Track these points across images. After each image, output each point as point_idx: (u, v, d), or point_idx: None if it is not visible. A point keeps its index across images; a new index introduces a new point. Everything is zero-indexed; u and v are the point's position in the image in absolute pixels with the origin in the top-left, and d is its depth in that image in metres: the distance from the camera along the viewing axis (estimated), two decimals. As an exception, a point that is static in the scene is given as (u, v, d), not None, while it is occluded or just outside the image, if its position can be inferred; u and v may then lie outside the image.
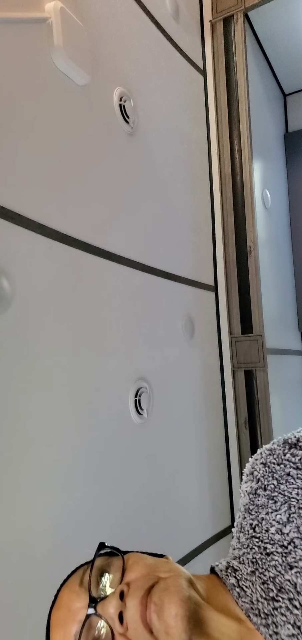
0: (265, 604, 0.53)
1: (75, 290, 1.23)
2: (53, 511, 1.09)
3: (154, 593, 0.50)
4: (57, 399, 1.13)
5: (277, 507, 0.59)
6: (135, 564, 0.54)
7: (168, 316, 1.65)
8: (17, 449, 1.01)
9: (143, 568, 0.54)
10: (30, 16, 1.15)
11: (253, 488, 0.64)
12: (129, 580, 0.52)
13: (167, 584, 0.51)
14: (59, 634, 0.53)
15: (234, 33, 2.00)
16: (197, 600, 0.51)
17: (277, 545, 0.56)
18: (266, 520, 0.59)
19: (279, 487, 0.61)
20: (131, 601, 0.50)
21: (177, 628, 0.47)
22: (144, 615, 0.49)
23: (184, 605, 0.48)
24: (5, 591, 0.95)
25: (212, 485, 1.82)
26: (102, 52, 1.41)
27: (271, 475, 0.63)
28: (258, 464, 0.66)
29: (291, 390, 2.29)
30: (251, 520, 0.61)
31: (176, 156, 1.79)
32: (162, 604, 0.48)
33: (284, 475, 0.62)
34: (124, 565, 0.54)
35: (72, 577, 0.57)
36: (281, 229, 2.42)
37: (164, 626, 0.48)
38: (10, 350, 1.02)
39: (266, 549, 0.57)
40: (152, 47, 1.70)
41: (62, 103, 1.23)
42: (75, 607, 0.53)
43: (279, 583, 0.53)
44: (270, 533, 0.58)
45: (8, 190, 1.04)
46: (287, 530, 0.57)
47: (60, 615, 0.54)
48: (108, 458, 1.29)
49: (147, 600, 0.49)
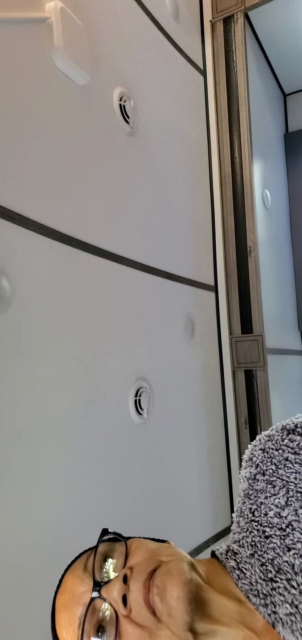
0: (264, 584, 0.54)
1: (75, 290, 1.23)
2: (53, 511, 1.09)
3: (156, 576, 0.51)
4: (57, 399, 1.13)
5: (275, 491, 0.61)
6: (137, 548, 0.56)
7: (168, 316, 1.65)
8: (17, 449, 1.01)
9: (145, 553, 0.55)
10: (31, 16, 1.15)
11: (252, 473, 0.65)
12: (132, 564, 0.54)
13: (169, 567, 0.52)
14: (64, 617, 0.54)
15: (234, 33, 2.00)
16: (198, 583, 0.53)
17: (276, 528, 0.58)
18: (264, 505, 0.61)
19: (277, 471, 0.62)
20: (134, 584, 0.51)
21: (180, 610, 0.49)
22: (147, 597, 0.50)
23: (186, 587, 0.50)
24: (5, 591, 0.95)
25: (212, 485, 1.82)
26: (102, 52, 1.41)
27: (269, 460, 0.64)
28: (257, 450, 0.67)
29: (291, 390, 2.29)
30: (250, 505, 0.63)
31: (176, 156, 1.79)
32: (164, 586, 0.50)
33: (283, 460, 0.63)
34: (127, 550, 0.56)
35: (76, 562, 0.59)
36: (281, 229, 2.42)
37: (166, 608, 0.49)
38: (11, 351, 1.02)
39: (265, 532, 0.58)
40: (152, 47, 1.70)
41: (62, 103, 1.23)
42: (79, 591, 0.54)
43: (278, 565, 0.55)
44: (269, 517, 0.59)
45: (8, 190, 1.04)
46: (285, 514, 0.58)
47: (65, 599, 0.55)
48: (108, 458, 1.29)
49: (150, 583, 0.51)
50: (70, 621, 0.54)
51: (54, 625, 0.56)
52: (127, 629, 0.51)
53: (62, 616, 0.55)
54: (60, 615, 0.55)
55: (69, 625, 0.54)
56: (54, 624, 0.57)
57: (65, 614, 0.55)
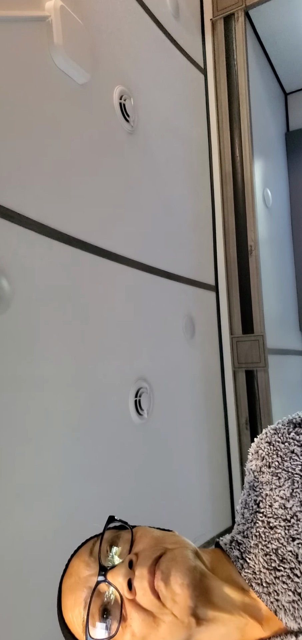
0: (267, 573, 0.56)
1: (75, 290, 1.22)
2: (53, 511, 1.08)
3: (161, 563, 0.52)
4: (57, 399, 1.13)
5: (281, 483, 0.61)
6: (143, 536, 0.57)
7: (168, 316, 1.64)
8: (17, 450, 1.01)
9: (151, 540, 0.56)
10: (30, 15, 1.14)
11: (258, 466, 0.66)
12: (137, 550, 0.55)
13: (174, 554, 0.53)
14: (70, 599, 0.56)
15: (234, 31, 1.99)
16: (202, 570, 0.54)
17: (281, 519, 0.58)
18: (269, 496, 0.61)
19: (283, 464, 0.63)
20: (140, 570, 0.52)
21: (184, 595, 0.50)
22: (152, 583, 0.51)
23: (190, 574, 0.52)
24: (6, 591, 0.95)
25: (212, 486, 1.81)
26: (102, 51, 1.41)
27: (275, 453, 0.65)
28: (263, 443, 0.68)
29: (292, 390, 2.29)
30: (255, 497, 0.64)
31: (176, 155, 1.79)
32: (169, 573, 0.51)
33: (289, 452, 0.63)
34: (133, 537, 0.57)
35: (82, 548, 0.60)
36: (282, 228, 2.41)
37: (171, 593, 0.51)
38: (10, 350, 1.01)
39: (270, 523, 0.59)
40: (152, 45, 1.69)
41: (62, 101, 1.23)
42: (85, 575, 0.56)
43: (282, 554, 0.56)
44: (273, 508, 0.60)
45: (8, 190, 1.04)
46: (290, 505, 0.59)
47: (71, 583, 0.57)
48: (108, 458, 1.28)
49: (155, 569, 0.52)
50: (76, 603, 0.55)
51: (60, 607, 0.58)
52: (132, 612, 0.52)
53: (68, 598, 0.56)
54: (66, 597, 0.57)
55: (75, 606, 0.55)
56: (60, 607, 0.58)
57: (71, 596, 0.56)
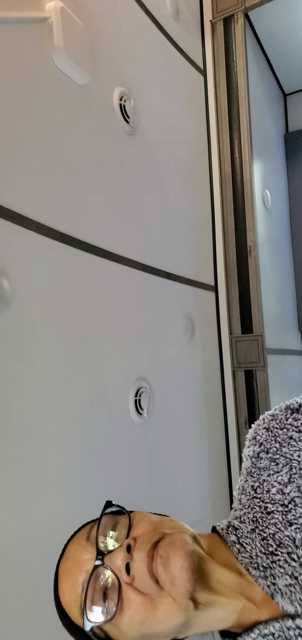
0: (264, 558, 0.56)
1: (75, 290, 1.23)
2: (53, 511, 1.08)
3: (160, 547, 0.52)
4: (57, 399, 1.13)
5: (279, 468, 0.62)
6: (141, 520, 0.57)
7: (168, 316, 1.65)
8: (17, 450, 1.01)
9: (149, 525, 0.56)
10: (31, 16, 1.15)
11: (255, 452, 0.66)
12: (135, 535, 0.55)
13: (173, 539, 0.53)
14: (67, 583, 0.56)
15: (234, 33, 2.00)
16: (201, 555, 0.54)
17: (278, 504, 0.59)
18: (267, 482, 0.62)
19: (281, 449, 0.63)
20: (138, 554, 0.53)
21: (182, 579, 0.51)
22: (150, 566, 0.52)
23: (189, 558, 0.52)
24: (6, 592, 0.95)
25: (212, 485, 1.82)
26: (103, 52, 1.41)
27: (273, 439, 0.65)
28: (261, 429, 0.68)
29: (291, 390, 2.29)
30: (253, 482, 0.64)
31: (176, 156, 1.79)
32: (168, 556, 0.51)
33: (287, 438, 0.64)
34: (130, 522, 0.57)
35: (79, 532, 0.60)
36: (281, 229, 2.41)
37: (169, 577, 0.51)
38: (10, 350, 1.01)
39: (267, 508, 0.59)
40: (152, 46, 1.69)
41: (62, 103, 1.23)
42: (82, 559, 0.55)
43: (279, 539, 0.56)
44: (271, 493, 0.60)
45: (8, 190, 1.04)
46: (288, 490, 0.59)
47: (68, 567, 0.56)
48: (108, 458, 1.28)
49: (153, 553, 0.52)
50: (73, 586, 0.55)
51: (57, 591, 0.57)
52: (130, 596, 0.52)
53: (65, 582, 0.56)
54: (63, 581, 0.56)
55: (72, 590, 0.55)
56: (56, 591, 0.57)
57: (68, 580, 0.56)
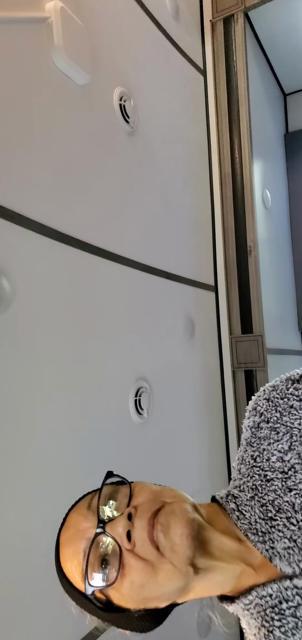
0: (263, 523, 0.57)
1: (75, 290, 1.23)
2: (53, 512, 1.08)
3: (160, 515, 0.53)
4: (58, 399, 1.13)
5: (279, 437, 0.62)
6: (142, 490, 0.58)
7: (168, 316, 1.65)
8: (17, 450, 1.01)
9: (149, 494, 0.57)
10: (31, 16, 1.15)
11: (256, 422, 0.67)
12: (136, 504, 0.56)
13: (173, 507, 0.54)
14: (69, 550, 0.56)
15: (234, 33, 2.00)
16: (200, 522, 0.56)
17: (278, 472, 0.59)
18: (267, 451, 0.62)
19: (281, 418, 0.64)
20: (139, 521, 0.53)
21: (182, 545, 0.52)
22: (151, 534, 0.52)
23: (189, 526, 0.53)
24: (6, 593, 0.95)
25: (212, 485, 1.82)
26: (102, 52, 1.41)
27: (274, 408, 0.66)
28: (261, 400, 0.68)
29: (291, 390, 2.28)
30: (252, 452, 0.64)
31: (176, 156, 1.79)
32: (168, 524, 0.52)
33: (287, 407, 0.64)
34: (131, 491, 0.58)
35: (80, 502, 0.61)
36: (281, 229, 2.41)
37: (170, 543, 0.52)
38: (11, 350, 1.01)
39: (266, 476, 0.60)
40: (152, 46, 1.69)
41: (62, 103, 1.23)
42: (83, 527, 0.56)
43: (278, 505, 0.57)
44: (271, 462, 0.61)
45: (8, 190, 1.04)
46: (288, 458, 0.59)
47: (70, 534, 0.57)
48: (108, 457, 1.28)
49: (154, 521, 0.53)
50: (74, 553, 0.55)
51: (58, 558, 0.58)
52: (131, 562, 0.53)
53: (66, 549, 0.57)
54: (64, 548, 0.57)
55: (74, 557, 0.55)
56: (58, 558, 0.58)
57: (69, 547, 0.56)
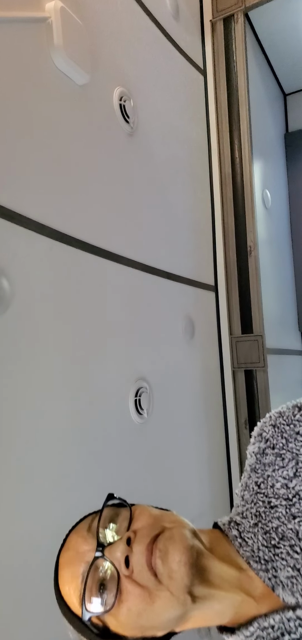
0: (266, 551, 0.56)
1: (75, 290, 1.22)
2: (52, 513, 1.08)
3: (159, 541, 0.53)
4: (57, 400, 1.13)
5: (284, 463, 0.61)
6: (141, 514, 0.58)
7: (168, 316, 1.65)
8: (17, 450, 1.01)
9: (149, 518, 0.57)
10: (31, 15, 1.15)
11: (261, 448, 0.66)
12: (135, 528, 0.55)
13: (172, 533, 0.54)
14: (68, 573, 0.56)
15: (234, 32, 2.00)
16: (199, 549, 0.55)
17: (282, 498, 0.59)
18: (272, 477, 0.62)
19: (287, 445, 0.63)
20: (137, 547, 0.53)
21: (180, 573, 0.51)
22: (149, 560, 0.52)
23: (188, 552, 0.52)
24: (5, 593, 0.95)
25: (212, 485, 1.82)
26: (102, 52, 1.41)
27: (280, 434, 0.65)
28: (267, 426, 0.68)
29: (291, 390, 2.29)
30: (257, 479, 0.64)
31: (176, 156, 1.79)
32: (166, 550, 0.52)
33: (294, 434, 0.63)
34: (131, 515, 0.57)
35: (80, 524, 0.61)
36: (281, 229, 2.41)
37: (167, 570, 0.51)
38: (10, 351, 1.01)
39: (270, 502, 0.59)
40: (152, 46, 1.69)
41: (62, 103, 1.23)
42: (83, 550, 0.56)
43: (282, 532, 0.56)
44: (275, 488, 0.60)
45: (8, 190, 1.04)
46: (293, 485, 0.59)
47: (69, 556, 0.57)
48: (108, 458, 1.28)
49: (152, 547, 0.52)
50: (73, 576, 0.55)
51: (57, 581, 0.58)
52: (128, 588, 0.52)
53: (65, 572, 0.56)
54: (63, 571, 0.57)
55: (72, 580, 0.55)
56: (56, 580, 0.58)
57: (68, 570, 0.56)
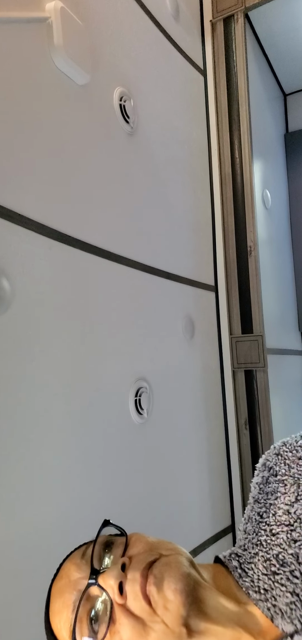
0: (265, 579, 0.54)
1: (75, 290, 1.22)
2: (52, 513, 1.08)
3: (155, 567, 0.51)
4: (57, 400, 1.13)
5: (286, 489, 0.61)
6: (138, 540, 0.56)
7: (168, 316, 1.65)
8: (16, 451, 1.01)
9: (145, 545, 0.55)
10: (31, 16, 1.15)
11: (264, 477, 0.66)
12: (131, 554, 0.54)
13: (169, 560, 0.52)
14: (58, 602, 0.54)
15: (234, 33, 2.00)
16: (196, 579, 0.52)
17: (283, 525, 0.58)
18: (274, 505, 0.61)
19: (289, 470, 0.63)
20: (132, 573, 0.51)
21: (176, 602, 0.48)
22: (144, 587, 0.49)
23: (184, 580, 0.49)
24: (5, 593, 0.95)
25: (212, 486, 1.82)
26: (103, 52, 1.41)
27: (283, 461, 0.65)
28: (271, 455, 0.68)
29: (291, 390, 2.29)
30: (259, 509, 0.63)
31: (176, 156, 1.79)
32: (162, 577, 0.49)
33: (296, 459, 0.63)
34: (127, 541, 0.56)
35: (75, 552, 0.59)
36: (281, 229, 2.41)
37: (163, 600, 0.48)
38: (10, 351, 1.01)
39: (272, 530, 0.58)
40: (152, 46, 1.69)
41: (62, 103, 1.23)
42: (75, 577, 0.54)
43: (282, 558, 0.55)
44: (277, 516, 0.59)
45: (8, 190, 1.04)
46: (294, 509, 0.58)
47: (61, 585, 0.55)
48: (108, 458, 1.28)
49: (148, 573, 0.50)
50: (64, 606, 0.53)
51: (48, 613, 0.56)
52: (121, 618, 0.50)
53: (56, 602, 0.54)
54: (54, 600, 0.55)
55: (63, 609, 0.53)
56: (47, 612, 0.56)
57: (59, 600, 0.54)
